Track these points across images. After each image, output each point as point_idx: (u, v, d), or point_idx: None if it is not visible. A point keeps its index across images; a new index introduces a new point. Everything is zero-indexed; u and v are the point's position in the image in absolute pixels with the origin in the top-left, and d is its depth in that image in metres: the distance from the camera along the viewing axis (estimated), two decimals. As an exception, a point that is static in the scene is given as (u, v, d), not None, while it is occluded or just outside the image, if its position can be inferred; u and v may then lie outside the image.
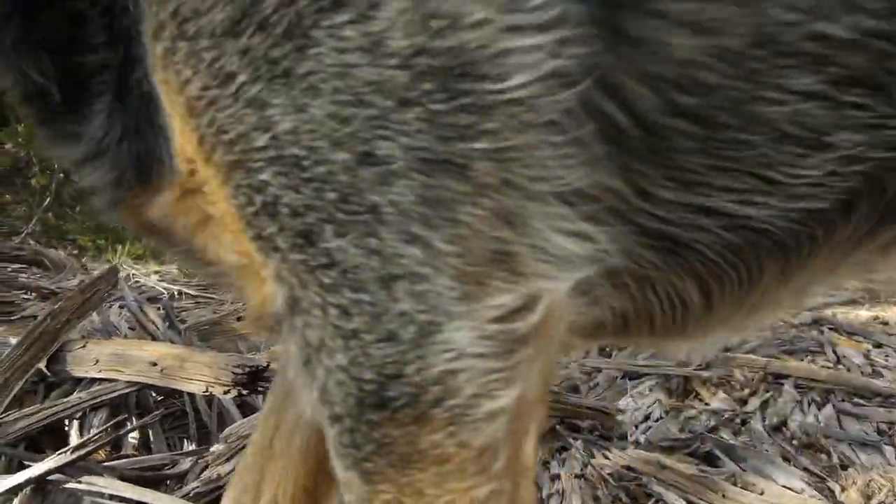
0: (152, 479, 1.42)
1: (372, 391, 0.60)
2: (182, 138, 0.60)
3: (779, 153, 0.64)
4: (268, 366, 1.60)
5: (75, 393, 1.75)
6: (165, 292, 3.31)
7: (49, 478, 1.29)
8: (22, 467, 1.41)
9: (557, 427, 1.85)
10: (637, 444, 1.91)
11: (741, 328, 0.81)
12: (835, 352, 2.73)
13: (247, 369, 1.57)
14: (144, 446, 1.67)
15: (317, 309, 0.60)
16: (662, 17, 0.60)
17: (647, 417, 2.10)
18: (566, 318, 0.65)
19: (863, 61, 0.63)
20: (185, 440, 1.73)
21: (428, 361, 0.59)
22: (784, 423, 2.07)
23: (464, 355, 0.59)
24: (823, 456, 1.85)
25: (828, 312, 3.45)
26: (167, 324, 2.43)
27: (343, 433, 0.62)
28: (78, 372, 1.83)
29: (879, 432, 2.00)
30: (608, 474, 1.65)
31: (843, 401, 2.24)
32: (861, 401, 2.24)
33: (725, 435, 1.96)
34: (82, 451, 1.29)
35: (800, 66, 0.62)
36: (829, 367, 2.56)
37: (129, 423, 1.65)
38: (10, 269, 3.90)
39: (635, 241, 0.67)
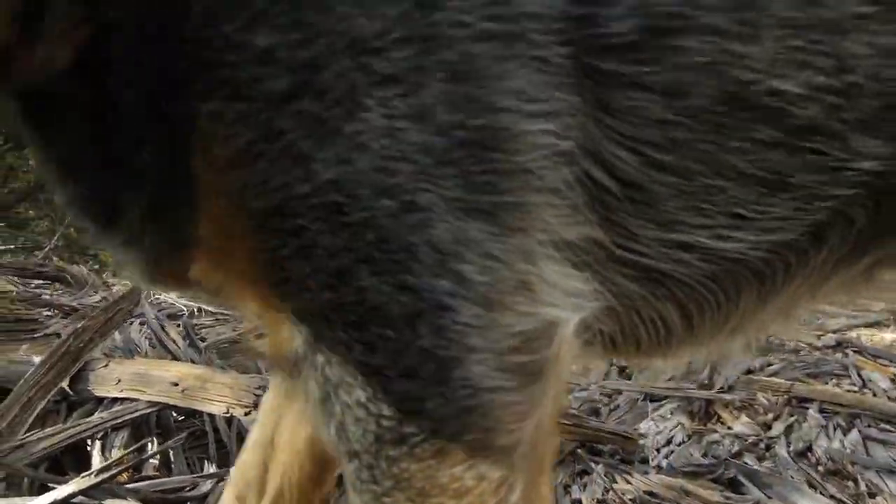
0: (174, 502, 1.42)
1: (391, 427, 0.62)
2: (211, 193, 0.64)
3: (746, 194, 0.71)
4: (288, 387, 1.60)
5: (97, 413, 1.76)
6: (185, 309, 3.33)
7: (73, 500, 1.30)
8: (43, 488, 1.42)
9: (578, 451, 1.83)
10: (659, 468, 1.89)
11: (726, 347, 0.87)
12: (860, 375, 2.68)
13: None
14: (165, 466, 1.68)
15: (340, 346, 0.62)
16: (641, 87, 0.68)
17: (668, 441, 2.08)
18: (574, 351, 0.69)
19: (816, 113, 0.69)
20: (206, 461, 1.73)
21: (447, 397, 0.61)
22: (809, 448, 2.03)
23: (482, 390, 0.62)
24: (850, 483, 1.81)
25: (852, 335, 3.40)
26: (187, 342, 2.45)
27: (361, 469, 0.64)
28: (100, 391, 1.84)
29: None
30: (630, 500, 1.63)
31: (869, 426, 2.19)
32: (888, 426, 2.19)
33: (749, 460, 1.93)
34: (106, 475, 1.30)
35: (761, 118, 0.69)
36: (854, 391, 2.52)
37: (150, 445, 1.66)
38: (33, 286, 3.96)
39: (621, 275, 0.73)
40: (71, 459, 1.63)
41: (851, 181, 0.72)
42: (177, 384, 1.76)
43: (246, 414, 1.59)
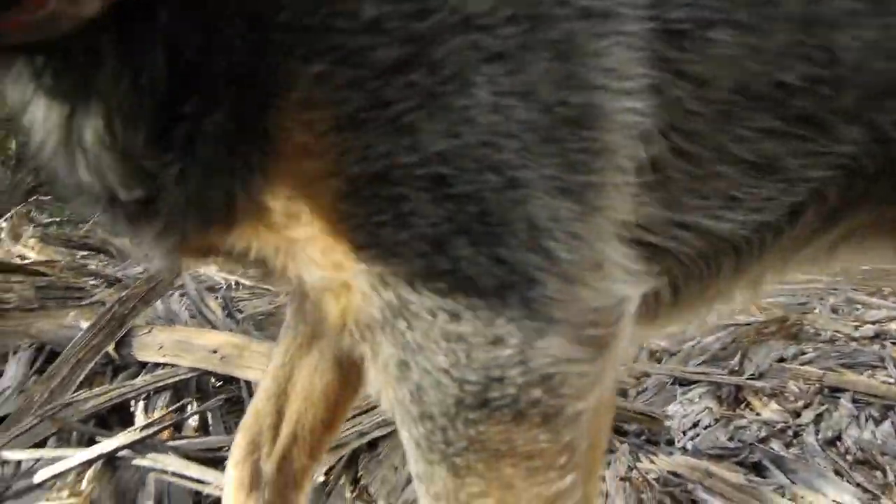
0: (212, 460, 1.49)
1: (474, 392, 0.65)
2: (300, 156, 0.63)
3: (741, 178, 0.76)
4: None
5: (140, 376, 1.84)
6: (224, 282, 3.42)
7: (118, 454, 1.37)
8: (92, 442, 1.50)
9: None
10: (684, 450, 1.90)
11: (701, 317, 0.93)
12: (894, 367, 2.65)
13: (302, 359, 1.62)
14: (203, 428, 1.75)
15: (425, 312, 0.64)
16: (682, 76, 0.70)
17: (695, 424, 2.08)
18: (632, 326, 0.73)
19: (810, 103, 0.74)
20: (242, 424, 1.80)
21: (530, 365, 0.65)
22: (838, 437, 2.02)
23: (561, 360, 0.66)
24: (878, 473, 1.80)
25: (891, 326, 3.34)
26: (226, 313, 2.53)
27: (434, 431, 0.66)
28: (143, 356, 1.93)
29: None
30: (654, 479, 1.65)
31: (904, 418, 2.17)
32: (922, 418, 2.16)
33: (776, 446, 1.93)
34: (149, 431, 1.36)
35: (764, 108, 0.73)
36: (889, 383, 2.48)
37: (190, 407, 1.73)
38: (79, 256, 4.11)
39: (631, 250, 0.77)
40: (116, 418, 1.71)
41: (831, 164, 0.77)
42: (215, 351, 1.83)
43: (281, 381, 1.64)
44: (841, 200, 0.81)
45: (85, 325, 2.00)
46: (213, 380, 1.89)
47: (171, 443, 1.51)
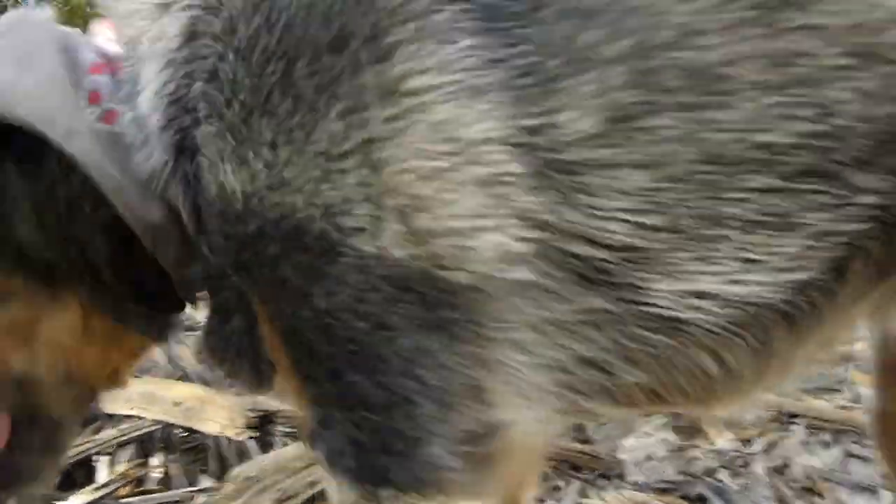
0: (168, 516, 1.56)
1: (370, 491, 0.77)
2: (264, 323, 0.82)
3: (753, 237, 0.74)
4: (278, 410, 1.73)
5: (105, 430, 1.91)
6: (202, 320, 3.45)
7: (74, 515, 1.44)
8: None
9: (557, 466, 1.91)
10: (636, 484, 1.96)
11: (776, 385, 0.90)
12: (854, 390, 2.69)
13: (259, 413, 1.70)
14: (167, 480, 1.81)
15: (339, 424, 0.78)
16: (616, 165, 0.71)
17: (649, 457, 2.14)
18: (536, 441, 0.82)
19: (808, 158, 0.72)
20: (205, 475, 1.87)
21: (411, 472, 0.76)
22: (787, 464, 2.08)
23: (439, 468, 0.76)
24: (819, 500, 1.87)
25: (857, 347, 3.37)
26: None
27: None
28: (111, 408, 1.99)
29: (885, 476, 1.98)
30: (599, 516, 1.71)
31: (854, 442, 2.23)
32: (872, 443, 2.22)
33: (724, 477, 1.99)
34: (104, 491, 1.43)
35: (753, 169, 0.72)
36: (844, 407, 2.53)
37: (154, 460, 1.80)
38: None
39: (641, 328, 0.76)
40: (82, 473, 1.77)
41: (861, 216, 0.74)
42: (179, 404, 1.90)
43: (238, 434, 1.72)
44: (886, 253, 0.77)
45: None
46: (177, 430, 1.96)
47: (128, 499, 1.57)
